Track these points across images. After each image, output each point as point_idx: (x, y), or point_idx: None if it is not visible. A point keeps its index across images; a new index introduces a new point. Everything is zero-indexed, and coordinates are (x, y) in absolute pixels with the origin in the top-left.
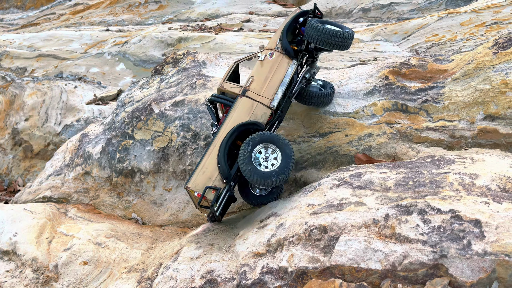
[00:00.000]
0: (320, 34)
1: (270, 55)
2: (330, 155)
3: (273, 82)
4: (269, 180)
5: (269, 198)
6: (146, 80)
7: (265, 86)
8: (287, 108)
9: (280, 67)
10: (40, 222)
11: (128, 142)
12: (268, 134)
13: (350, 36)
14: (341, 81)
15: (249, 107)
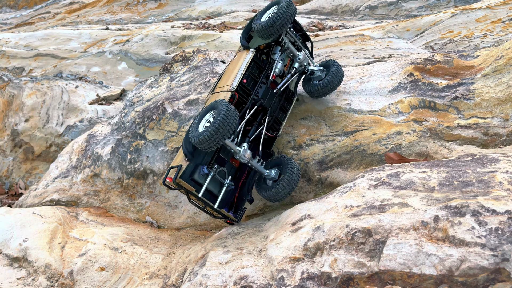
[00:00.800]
0: (260, 32)
1: (234, 57)
2: (357, 154)
3: (233, 73)
4: (201, 136)
5: (280, 189)
6: (154, 79)
7: (227, 80)
8: (273, 97)
9: (239, 60)
10: (51, 226)
11: (139, 143)
12: (212, 103)
13: (284, 10)
14: (362, 78)
15: (214, 98)
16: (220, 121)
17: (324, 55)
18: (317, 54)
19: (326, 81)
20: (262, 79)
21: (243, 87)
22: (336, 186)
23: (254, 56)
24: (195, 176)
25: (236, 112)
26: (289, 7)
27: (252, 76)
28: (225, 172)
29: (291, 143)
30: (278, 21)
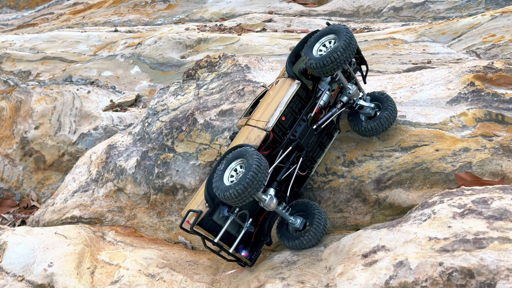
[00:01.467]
0: (311, 69)
1: (276, 83)
2: (419, 173)
3: (272, 105)
4: (227, 192)
5: (305, 241)
6: (178, 85)
7: (264, 112)
8: (312, 135)
9: (281, 90)
10: (78, 249)
11: (168, 156)
12: (239, 150)
13: (343, 50)
14: (413, 87)
15: (246, 133)
16: (250, 179)
17: None
18: None
19: (378, 123)
20: (303, 116)
21: (280, 125)
22: (397, 208)
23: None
24: (214, 217)
25: (267, 165)
26: (351, 41)
27: (292, 112)
28: (247, 215)
29: (341, 158)
30: (338, 60)
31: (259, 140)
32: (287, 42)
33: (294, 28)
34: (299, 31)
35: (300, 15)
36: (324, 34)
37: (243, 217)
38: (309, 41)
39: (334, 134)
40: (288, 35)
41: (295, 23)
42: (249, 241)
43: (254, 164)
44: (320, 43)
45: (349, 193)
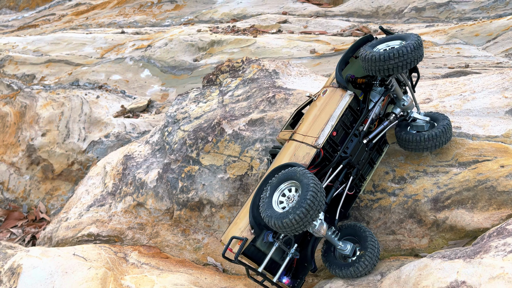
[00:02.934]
0: (369, 63)
1: (323, 93)
2: (483, 192)
3: (321, 119)
4: (286, 219)
5: (360, 268)
6: (199, 92)
7: (312, 125)
8: (364, 151)
9: (331, 102)
10: (99, 273)
11: (193, 168)
12: (287, 171)
13: (411, 49)
14: (463, 95)
15: (292, 149)
16: (310, 202)
17: None
18: None
19: (432, 134)
20: (355, 131)
21: (330, 140)
22: (460, 231)
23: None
24: (257, 243)
25: (322, 186)
26: (418, 47)
27: (344, 126)
28: (292, 240)
29: (390, 174)
30: (400, 59)
31: (309, 158)
32: (306, 44)
33: (311, 29)
34: (317, 32)
35: (316, 15)
36: (390, 39)
37: (287, 242)
38: (370, 42)
39: (384, 149)
40: (306, 37)
41: (312, 24)
42: (291, 267)
43: (311, 184)
44: (386, 44)
45: (402, 213)
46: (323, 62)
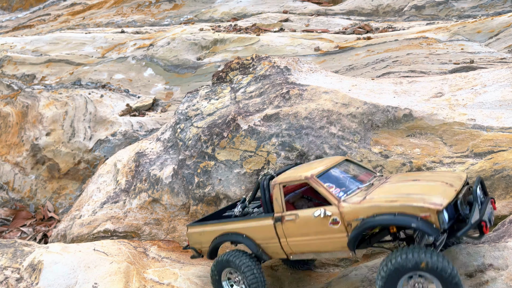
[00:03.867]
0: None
1: (333, 222)
2: (500, 181)
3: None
4: None
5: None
6: (209, 89)
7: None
8: None
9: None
10: (122, 266)
11: (209, 164)
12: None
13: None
14: (474, 89)
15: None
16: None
17: (389, 60)
18: (380, 58)
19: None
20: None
21: None
22: None
23: None
24: None
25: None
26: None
27: None
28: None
29: (407, 165)
30: None
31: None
32: (310, 42)
33: (313, 27)
34: (319, 30)
35: (317, 14)
36: None
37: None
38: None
39: None
40: (309, 35)
41: (313, 23)
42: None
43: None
44: None
45: None
46: (328, 60)
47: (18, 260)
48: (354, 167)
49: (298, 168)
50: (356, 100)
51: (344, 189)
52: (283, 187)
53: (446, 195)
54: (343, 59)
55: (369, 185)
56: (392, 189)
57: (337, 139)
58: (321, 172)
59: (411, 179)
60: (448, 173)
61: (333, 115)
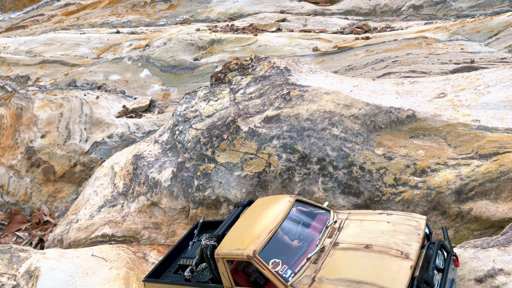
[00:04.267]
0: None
1: None
2: (506, 183)
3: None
4: None
5: None
6: (208, 90)
7: None
8: None
9: None
10: (121, 273)
11: (208, 166)
12: None
13: None
14: (478, 89)
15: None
16: None
17: (389, 60)
18: (380, 59)
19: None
20: None
21: None
22: (485, 221)
23: None
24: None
25: None
26: None
27: None
28: None
29: (411, 167)
30: None
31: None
32: (308, 42)
33: (311, 27)
34: (317, 30)
35: (314, 14)
36: None
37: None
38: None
39: None
40: (307, 35)
41: (311, 23)
42: None
43: None
44: None
45: (426, 205)
46: (327, 60)
47: (14, 267)
48: (304, 210)
49: (242, 225)
50: (358, 101)
51: (292, 261)
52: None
53: (399, 283)
54: (342, 59)
55: (319, 253)
56: (342, 267)
57: (340, 140)
58: (264, 244)
59: (363, 244)
60: (405, 222)
61: (335, 116)
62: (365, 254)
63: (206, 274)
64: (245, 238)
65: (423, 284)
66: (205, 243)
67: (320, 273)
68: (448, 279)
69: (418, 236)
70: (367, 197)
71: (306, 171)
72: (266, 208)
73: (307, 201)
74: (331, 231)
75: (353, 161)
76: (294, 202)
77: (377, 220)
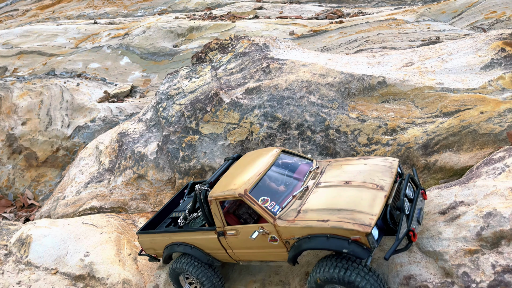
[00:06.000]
0: None
1: (272, 240)
2: (467, 136)
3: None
4: None
5: None
6: (189, 69)
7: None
8: None
9: None
10: (112, 236)
11: (193, 138)
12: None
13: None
14: (441, 57)
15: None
16: None
17: (361, 40)
18: (353, 39)
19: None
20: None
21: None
22: (449, 170)
23: None
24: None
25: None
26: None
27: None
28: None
29: (382, 127)
30: None
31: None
32: (285, 27)
33: (287, 14)
34: (293, 17)
35: (290, 2)
36: None
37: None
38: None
39: None
40: (283, 21)
41: (287, 10)
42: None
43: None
44: None
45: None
46: (303, 42)
47: (5, 238)
48: (290, 160)
49: (233, 173)
50: (333, 70)
51: (279, 199)
52: (219, 202)
53: (375, 207)
54: (317, 41)
55: (304, 191)
56: (324, 200)
57: (317, 107)
58: (254, 184)
59: (343, 181)
60: (380, 163)
61: (312, 85)
62: (345, 189)
63: (198, 222)
64: (236, 181)
65: (395, 210)
66: (199, 188)
67: (305, 206)
68: (417, 207)
69: (392, 173)
70: (343, 156)
71: (286, 136)
72: (255, 159)
73: (292, 151)
74: (314, 175)
75: (329, 124)
76: (280, 152)
77: (356, 163)
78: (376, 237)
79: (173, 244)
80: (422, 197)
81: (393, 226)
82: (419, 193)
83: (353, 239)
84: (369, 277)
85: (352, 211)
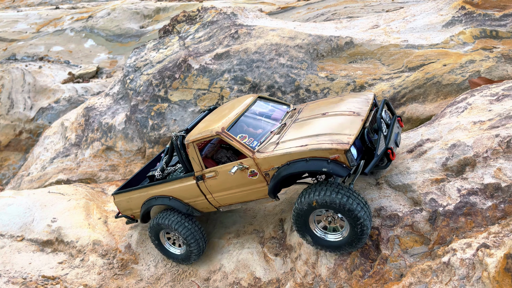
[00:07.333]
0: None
1: (251, 174)
2: (431, 87)
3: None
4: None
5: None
6: (157, 41)
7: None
8: None
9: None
10: (81, 203)
11: (162, 106)
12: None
13: None
14: (406, 19)
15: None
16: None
17: (329, 13)
18: (320, 13)
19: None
20: None
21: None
22: (416, 120)
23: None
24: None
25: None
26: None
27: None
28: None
29: (351, 85)
30: None
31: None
32: (253, 5)
33: None
34: None
35: None
36: None
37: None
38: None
39: None
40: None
41: None
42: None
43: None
44: None
45: None
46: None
47: None
48: (267, 105)
49: (209, 118)
50: (301, 33)
51: (257, 136)
52: (197, 144)
53: (352, 129)
54: (285, 17)
55: (282, 126)
56: (302, 130)
57: (286, 68)
58: (232, 123)
59: (320, 113)
60: (356, 97)
61: (281, 47)
62: (322, 119)
63: (177, 175)
64: (214, 123)
65: (373, 133)
66: (175, 134)
67: (284, 138)
68: (393, 132)
69: (368, 102)
70: None
71: None
72: (231, 106)
73: (268, 97)
74: (292, 114)
75: (299, 84)
76: (257, 98)
77: (332, 100)
78: (355, 156)
79: (151, 198)
80: (398, 124)
81: (372, 147)
82: (395, 120)
83: (332, 158)
84: (359, 201)
85: (330, 134)
